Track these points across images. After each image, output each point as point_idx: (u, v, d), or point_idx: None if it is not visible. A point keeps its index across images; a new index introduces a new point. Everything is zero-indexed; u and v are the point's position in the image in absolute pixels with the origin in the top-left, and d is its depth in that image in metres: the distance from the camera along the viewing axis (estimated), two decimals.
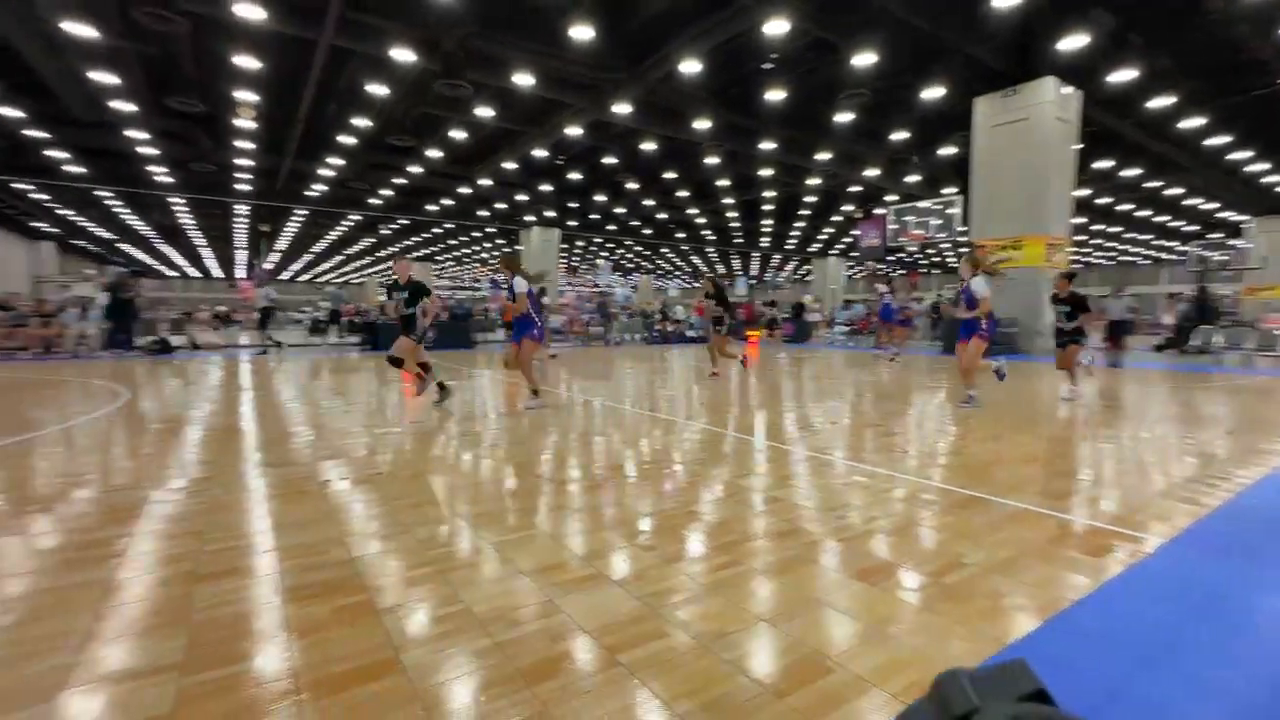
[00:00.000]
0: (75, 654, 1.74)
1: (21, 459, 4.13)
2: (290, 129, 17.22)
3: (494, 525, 2.84)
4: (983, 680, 0.31)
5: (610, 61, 13.19)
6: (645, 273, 53.22)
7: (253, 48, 12.42)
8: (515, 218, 29.26)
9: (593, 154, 20.51)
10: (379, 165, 21.28)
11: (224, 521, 2.87)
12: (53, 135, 18.03)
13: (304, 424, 5.47)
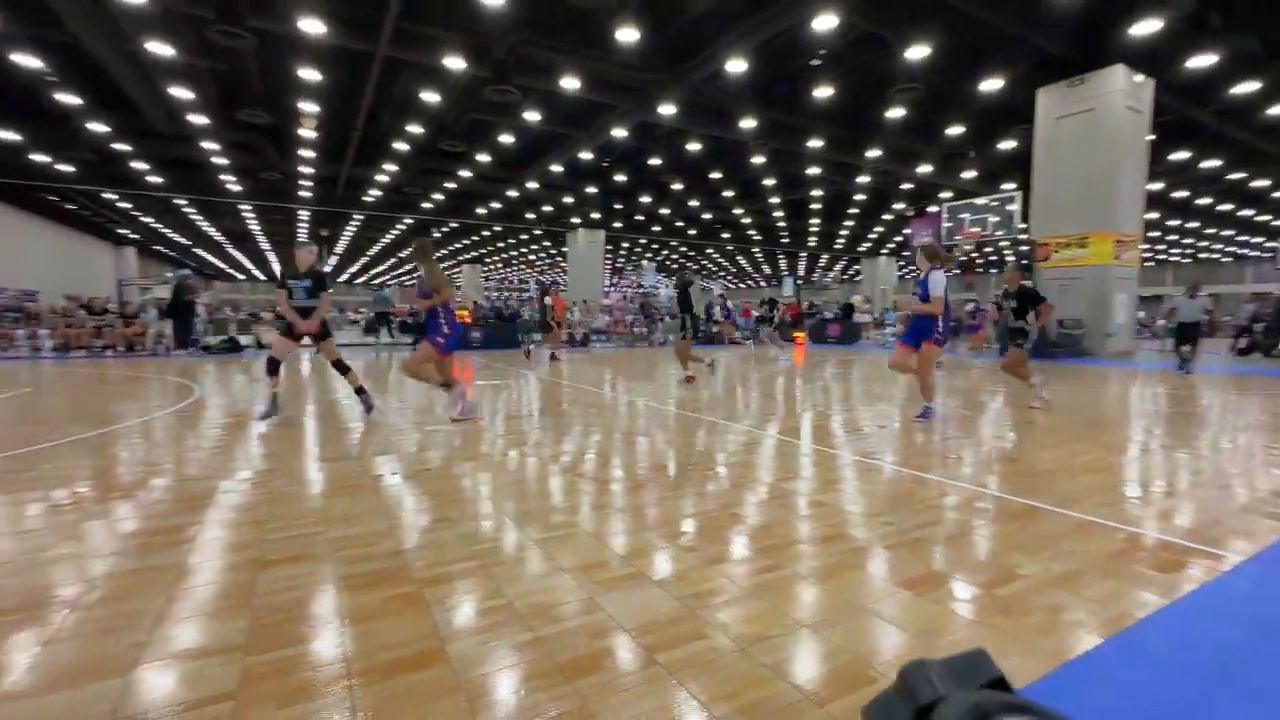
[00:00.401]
0: (150, 632, 1.86)
1: (106, 449, 4.45)
2: (348, 137, 17.97)
3: (537, 522, 2.89)
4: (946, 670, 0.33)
5: (655, 63, 13.22)
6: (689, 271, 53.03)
7: (314, 61, 13.02)
8: (561, 220, 29.67)
9: (638, 155, 20.60)
10: (431, 170, 21.94)
11: (284, 512, 3.02)
12: (136, 148, 19.35)
13: (358, 420, 5.69)
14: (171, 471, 3.83)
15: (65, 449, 4.41)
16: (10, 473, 3.76)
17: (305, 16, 10.77)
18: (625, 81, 14.09)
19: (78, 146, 19.24)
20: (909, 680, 0.33)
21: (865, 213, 28.92)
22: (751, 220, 31.15)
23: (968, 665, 0.34)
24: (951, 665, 0.33)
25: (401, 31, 11.40)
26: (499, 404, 6.87)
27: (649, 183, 24.07)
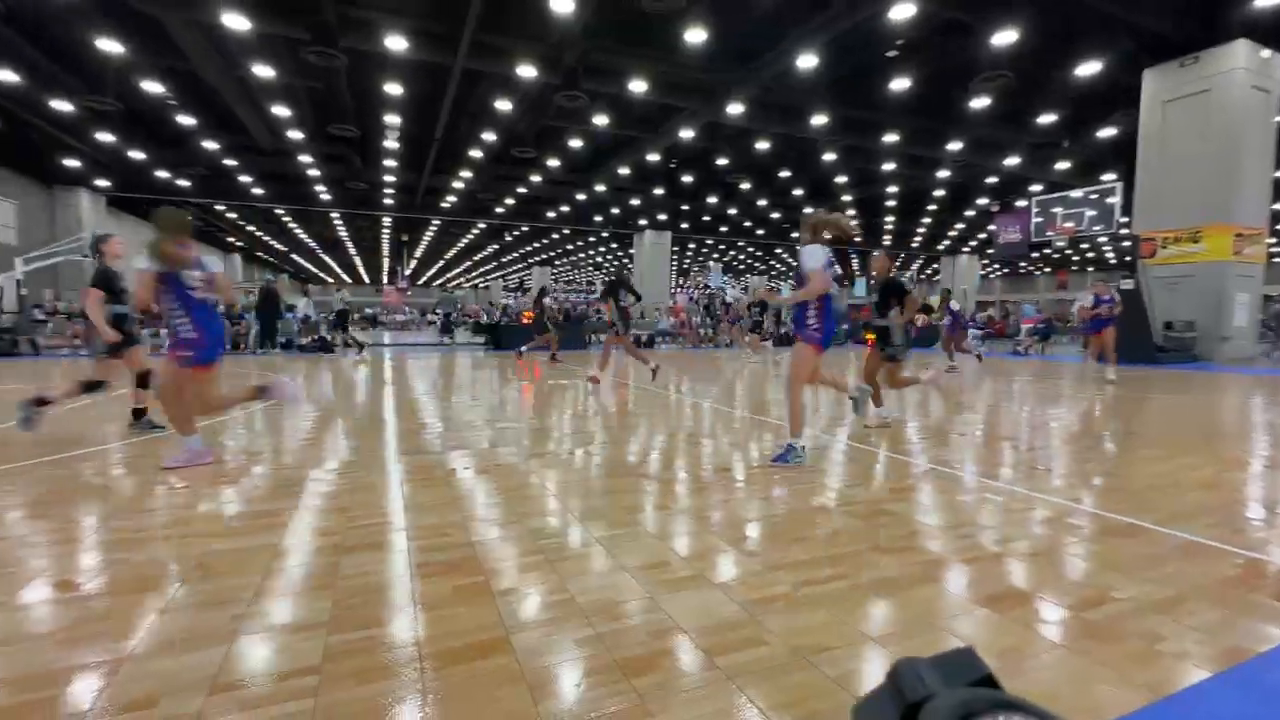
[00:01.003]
0: (248, 605, 2.03)
1: (216, 436, 4.87)
2: (427, 147, 18.87)
3: (601, 520, 2.93)
4: (935, 668, 0.33)
5: (723, 62, 13.12)
6: (758, 274, 52.24)
7: (398, 76, 13.76)
8: (628, 222, 29.94)
9: (705, 156, 20.50)
10: (503, 176, 22.70)
11: (366, 501, 3.21)
12: (242, 163, 21.11)
13: (434, 416, 5.97)
14: (269, 459, 4.15)
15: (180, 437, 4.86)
16: (139, 456, 4.19)
17: (391, 34, 11.40)
18: (693, 82, 14.06)
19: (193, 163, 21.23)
20: (899, 678, 0.33)
21: (944, 209, 27.54)
22: None
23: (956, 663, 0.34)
24: (940, 663, 0.34)
25: (478, 44, 11.87)
26: (565, 404, 7.01)
27: (716, 183, 23.89)
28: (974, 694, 0.31)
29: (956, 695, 0.31)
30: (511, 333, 17.33)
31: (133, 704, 1.51)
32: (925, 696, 0.32)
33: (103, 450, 4.43)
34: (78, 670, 1.65)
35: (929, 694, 0.32)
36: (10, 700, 1.53)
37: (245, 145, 19.16)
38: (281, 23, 11.13)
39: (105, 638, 1.82)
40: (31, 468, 3.84)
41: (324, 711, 1.49)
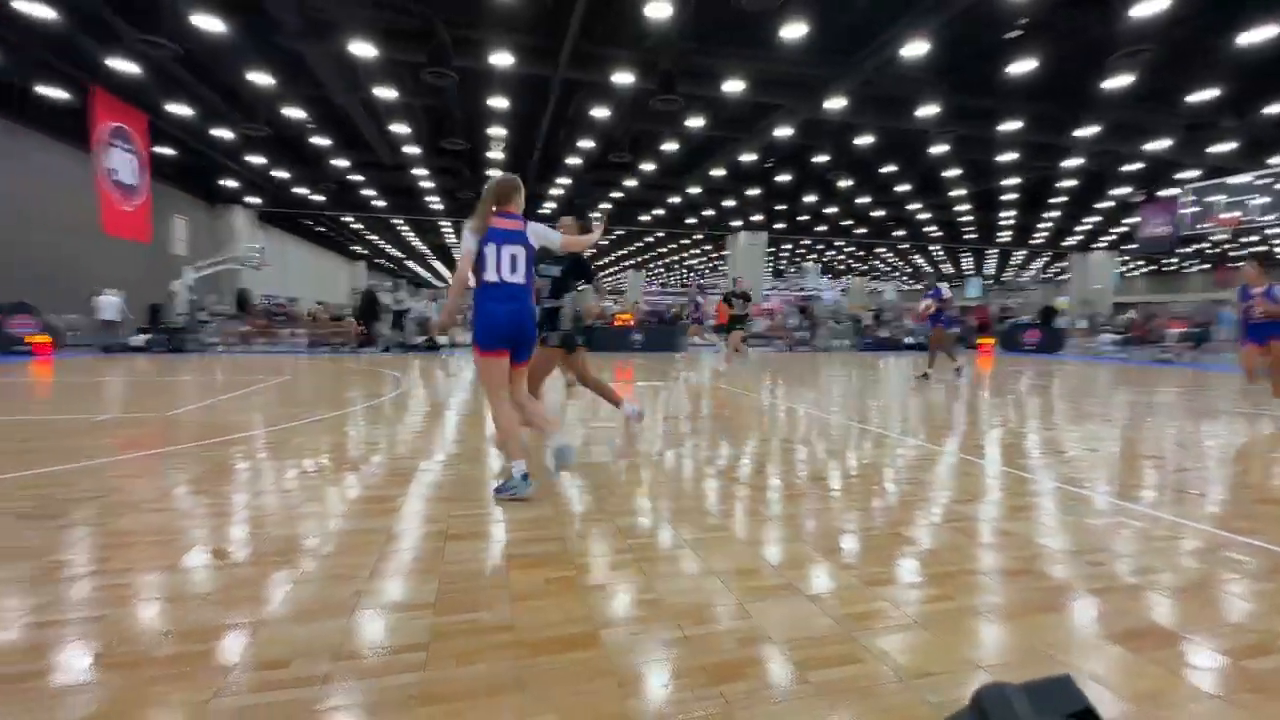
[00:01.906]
0: (366, 583, 2.21)
1: (339, 427, 5.36)
2: (529, 156, 19.72)
3: (691, 523, 2.93)
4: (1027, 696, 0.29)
5: (822, 57, 12.70)
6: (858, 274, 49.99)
7: (503, 90, 14.50)
8: (722, 223, 29.69)
9: (803, 154, 19.92)
10: (599, 182, 23.28)
11: (468, 492, 3.40)
12: (367, 178, 23.12)
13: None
14: (385, 449, 4.51)
15: (311, 426, 5.40)
16: (277, 444, 4.70)
17: (497, 51, 12.04)
18: (791, 78, 13.72)
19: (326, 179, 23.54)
20: (984, 704, 0.30)
21: (1074, 200, 25.00)
22: (931, 216, 28.52)
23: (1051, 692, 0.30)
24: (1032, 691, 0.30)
25: (577, 55, 12.24)
26: (658, 406, 7.06)
27: (814, 181, 23.15)
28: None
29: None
30: (605, 334, 17.71)
31: (271, 663, 1.70)
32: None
33: (248, 436, 4.99)
34: (226, 629, 1.88)
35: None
36: (175, 650, 1.76)
37: (369, 161, 20.97)
38: (402, 48, 12.07)
39: (249, 602, 2.06)
40: (194, 450, 4.41)
41: (429, 686, 1.60)
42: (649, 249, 41.85)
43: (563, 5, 10.52)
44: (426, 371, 11.33)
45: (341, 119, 17.04)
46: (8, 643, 1.81)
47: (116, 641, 1.81)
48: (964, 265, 46.65)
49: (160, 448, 4.47)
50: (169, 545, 2.57)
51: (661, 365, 12.94)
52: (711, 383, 9.59)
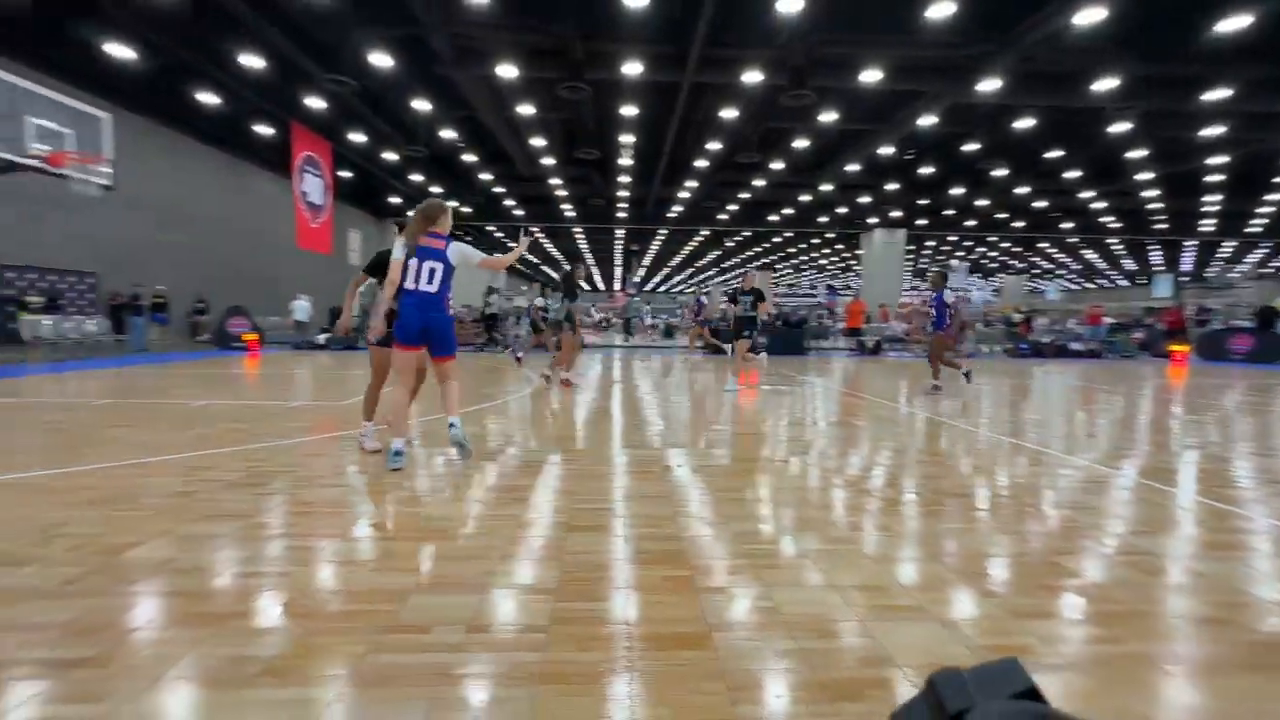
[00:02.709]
0: (496, 564, 2.39)
1: (476, 420, 5.82)
2: (657, 161, 20.09)
3: (814, 533, 2.82)
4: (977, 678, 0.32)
5: (974, 35, 11.61)
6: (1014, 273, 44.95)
7: (632, 98, 14.90)
8: (856, 221, 28.22)
9: (949, 143, 18.36)
10: (726, 183, 23.12)
11: (591, 487, 3.54)
12: (508, 189, 24.89)
13: (653, 414, 6.33)
14: (519, 443, 4.82)
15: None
16: (427, 433, 5.21)
17: (628, 61, 12.41)
18: (936, 62, 12.71)
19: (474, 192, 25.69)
20: (938, 688, 0.32)
21: None
22: (1108, 204, 24.97)
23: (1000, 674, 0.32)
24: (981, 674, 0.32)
25: (705, 58, 12.27)
26: (783, 410, 6.87)
27: (962, 172, 21.23)
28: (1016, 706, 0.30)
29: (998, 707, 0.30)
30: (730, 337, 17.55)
31: (415, 627, 1.89)
32: (965, 708, 0.30)
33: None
34: (381, 594, 2.12)
35: (969, 705, 0.31)
36: (342, 607, 2.02)
37: (509, 174, 22.58)
38: (540, 66, 12.86)
39: (399, 572, 2.31)
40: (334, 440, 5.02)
41: (549, 667, 1.69)
42: (776, 249, 40.85)
43: (691, 10, 10.60)
44: None
45: (487, 136, 18.52)
46: (221, 587, 2.18)
47: (298, 595, 2.11)
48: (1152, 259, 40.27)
49: (336, 431, 5.13)
50: (340, 516, 2.95)
51: (787, 369, 12.56)
52: (840, 388, 9.15)
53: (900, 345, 18.90)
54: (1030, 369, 13.71)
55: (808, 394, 8.45)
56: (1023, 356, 18.12)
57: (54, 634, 1.82)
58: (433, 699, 1.54)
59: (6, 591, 2.09)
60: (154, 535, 2.63)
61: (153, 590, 2.14)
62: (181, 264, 18.24)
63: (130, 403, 6.50)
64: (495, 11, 11.17)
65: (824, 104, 14.56)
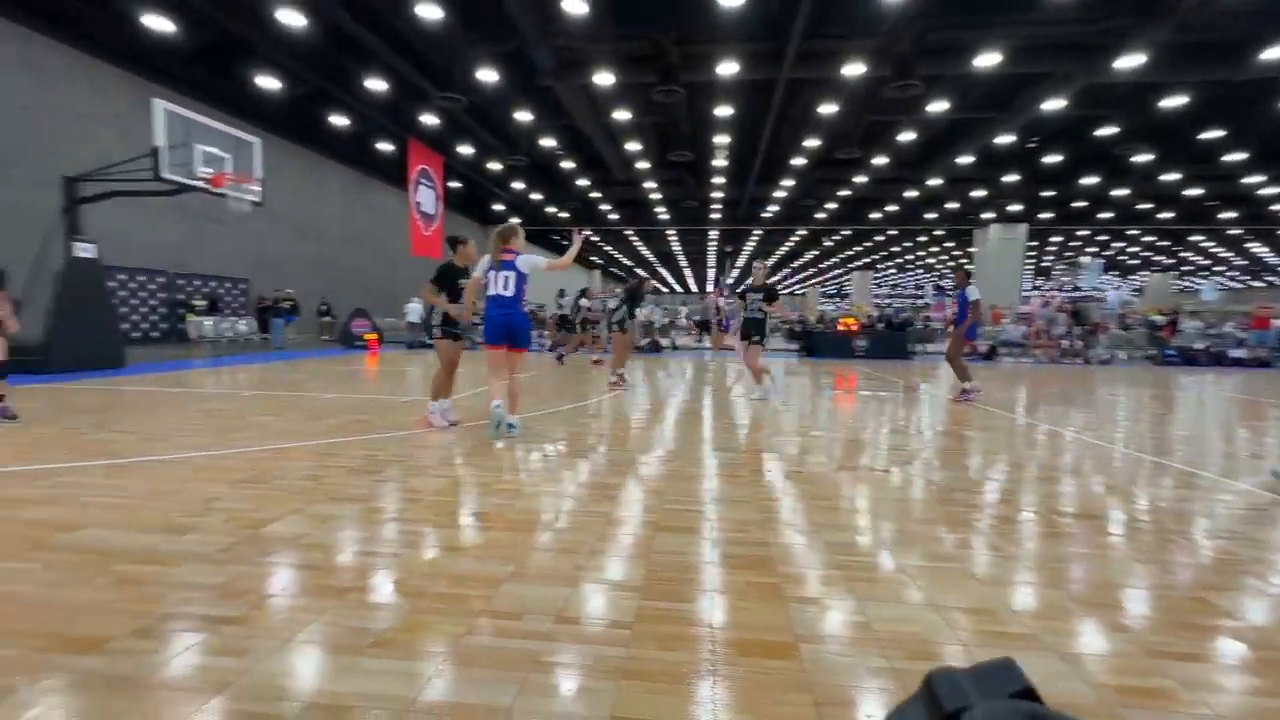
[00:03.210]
0: (586, 559, 2.46)
1: (575, 419, 6.00)
2: (752, 161, 19.77)
3: (913, 548, 2.66)
4: (973, 678, 0.32)
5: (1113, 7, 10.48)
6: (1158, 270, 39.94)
7: (726, 98, 14.76)
8: (968, 216, 26.31)
9: (1080, 128, 16.68)
10: (824, 180, 22.33)
11: (680, 488, 3.55)
12: (604, 194, 25.47)
13: (747, 418, 6.23)
14: (610, 442, 4.93)
15: (550, 417, 6.14)
16: (525, 429, 5.44)
17: (723, 61, 12.32)
18: (1065, 40, 11.59)
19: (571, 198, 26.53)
20: (934, 687, 0.32)
21: None
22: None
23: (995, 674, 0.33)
24: (978, 674, 0.33)
25: (803, 54, 11.94)
26: (884, 416, 6.53)
27: (1096, 160, 19.22)
28: (1013, 706, 0.30)
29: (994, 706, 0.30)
30: (827, 340, 16.92)
31: (508, 614, 1.99)
32: (962, 707, 0.30)
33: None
34: (478, 580, 2.25)
35: (966, 705, 0.31)
36: (443, 590, 2.17)
37: (605, 179, 23.11)
38: (635, 72, 13.07)
39: (496, 560, 2.43)
40: (467, 428, 5.33)
41: (632, 662, 1.71)
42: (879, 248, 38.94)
43: (789, 5, 10.36)
44: (649, 372, 12.07)
45: (584, 143, 19.07)
46: (342, 564, 2.40)
47: (406, 575, 2.28)
48: None
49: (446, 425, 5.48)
50: (444, 505, 3.15)
51: (890, 374, 11.92)
52: (948, 395, 8.55)
53: (1019, 350, 17.36)
54: (1177, 378, 12.13)
55: (911, 400, 7.98)
56: (1169, 364, 16.08)
57: (209, 594, 2.09)
58: (522, 683, 1.61)
59: (175, 554, 2.43)
60: (288, 513, 2.94)
61: (287, 562, 2.39)
62: (314, 270, 20.26)
63: (271, 394, 7.31)
64: (593, 21, 11.48)
65: (933, 93, 13.71)
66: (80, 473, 3.62)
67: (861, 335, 16.84)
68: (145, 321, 15.03)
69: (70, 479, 3.48)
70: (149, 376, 8.78)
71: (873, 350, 16.48)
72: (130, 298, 14.58)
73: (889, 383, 10.24)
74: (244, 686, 1.58)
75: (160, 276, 15.27)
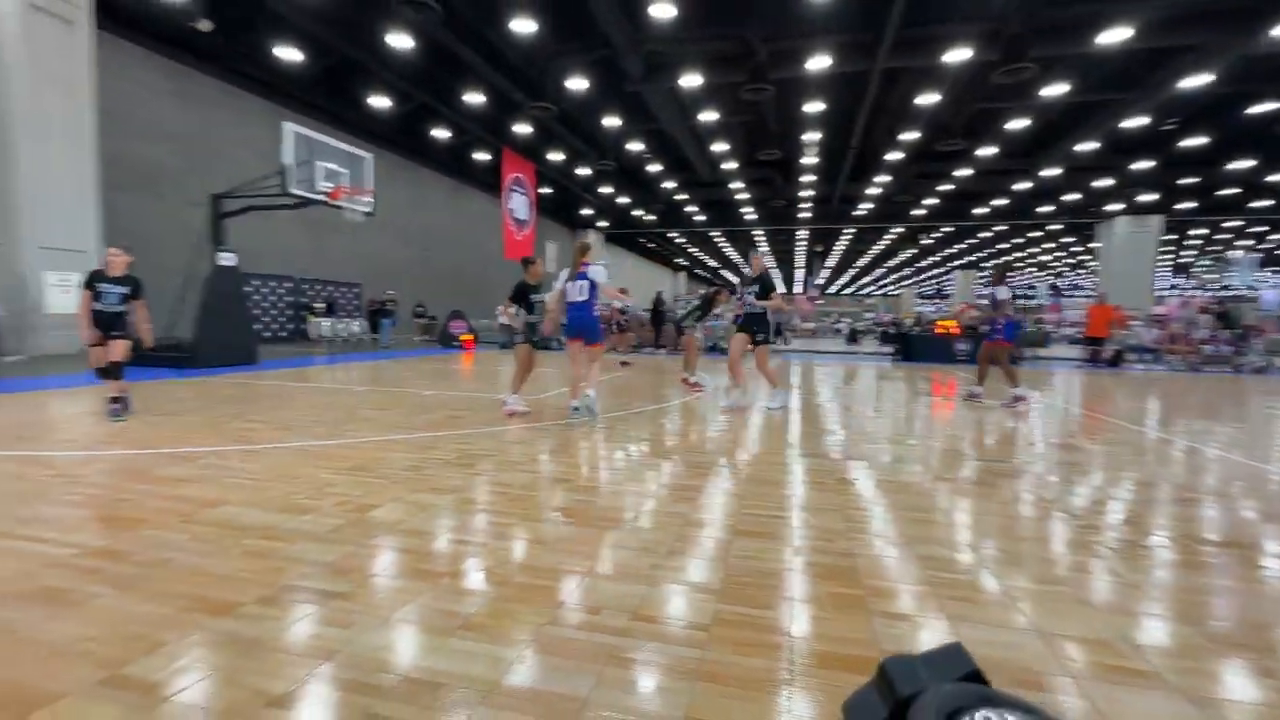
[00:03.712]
0: (663, 559, 2.47)
1: (656, 419, 6.05)
2: (843, 157, 19.05)
3: (1019, 568, 2.47)
4: (924, 663, 0.34)
5: None
6: None
7: (817, 93, 14.32)
8: (1090, 208, 23.99)
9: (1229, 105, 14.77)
10: (923, 175, 21.14)
11: (762, 492, 3.48)
12: (690, 196, 25.44)
13: (835, 423, 6.02)
14: (694, 444, 4.92)
15: (635, 417, 6.22)
16: (610, 428, 5.56)
17: (814, 55, 11.97)
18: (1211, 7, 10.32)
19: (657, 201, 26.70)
20: (888, 673, 0.33)
21: None
22: None
23: (944, 659, 0.34)
24: (929, 659, 0.34)
25: (900, 41, 11.37)
26: (989, 426, 6.10)
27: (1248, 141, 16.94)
28: (964, 689, 0.31)
29: (947, 690, 0.31)
30: (924, 343, 15.98)
31: (587, 608, 2.04)
32: (916, 692, 0.32)
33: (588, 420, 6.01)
34: (561, 573, 2.32)
35: (920, 689, 0.32)
36: (529, 580, 2.25)
37: (691, 180, 23.10)
38: (723, 72, 12.97)
39: (576, 555, 2.50)
40: (552, 426, 5.51)
41: (707, 666, 1.71)
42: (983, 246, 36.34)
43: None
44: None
45: (671, 146, 19.15)
46: (436, 550, 2.56)
47: (494, 564, 2.40)
48: None
49: (532, 423, 5.71)
50: (530, 499, 3.28)
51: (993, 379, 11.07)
52: (1067, 405, 7.84)
53: (1150, 356, 15.59)
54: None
55: (1023, 409, 7.38)
56: None
57: (322, 570, 2.30)
58: (599, 675, 1.65)
59: (294, 532, 2.69)
60: (390, 500, 3.17)
61: (388, 545, 2.58)
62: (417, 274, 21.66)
63: (379, 390, 7.90)
64: (681, 24, 11.52)
65: (1048, 76, 12.63)
66: (221, 456, 4.09)
67: (963, 338, 15.75)
68: (274, 322, 16.73)
69: (214, 461, 3.94)
70: (277, 372, 9.75)
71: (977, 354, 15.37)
72: (262, 301, 16.27)
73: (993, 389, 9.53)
74: (348, 656, 1.72)
75: (287, 282, 16.94)
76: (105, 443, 4.47)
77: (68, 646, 1.75)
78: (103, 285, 5.31)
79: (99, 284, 5.31)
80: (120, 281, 5.41)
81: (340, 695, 1.56)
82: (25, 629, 1.85)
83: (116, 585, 2.15)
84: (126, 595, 2.08)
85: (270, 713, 1.48)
